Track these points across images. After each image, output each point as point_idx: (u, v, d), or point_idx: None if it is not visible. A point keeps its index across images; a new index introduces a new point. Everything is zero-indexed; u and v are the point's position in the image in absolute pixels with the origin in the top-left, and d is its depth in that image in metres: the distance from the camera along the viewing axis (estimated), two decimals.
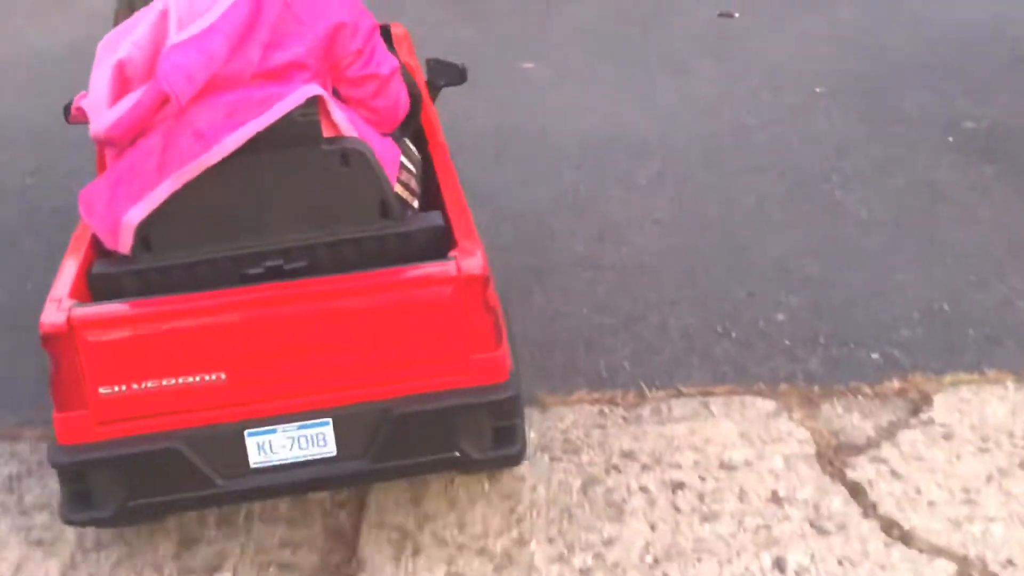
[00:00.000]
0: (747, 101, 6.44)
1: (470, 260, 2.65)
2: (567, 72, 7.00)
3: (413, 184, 3.13)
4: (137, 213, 2.73)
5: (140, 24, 2.83)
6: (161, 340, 2.52)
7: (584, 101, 6.54)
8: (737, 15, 7.72)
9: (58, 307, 2.56)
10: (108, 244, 2.81)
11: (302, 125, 2.67)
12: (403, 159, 3.12)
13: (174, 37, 2.73)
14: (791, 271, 4.75)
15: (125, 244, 2.75)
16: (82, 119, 2.87)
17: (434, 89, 3.70)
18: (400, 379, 2.57)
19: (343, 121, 2.82)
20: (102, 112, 2.76)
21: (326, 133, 2.77)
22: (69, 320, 2.53)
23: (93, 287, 2.74)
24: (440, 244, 2.77)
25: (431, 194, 3.20)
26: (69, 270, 2.77)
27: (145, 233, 2.71)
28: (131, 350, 2.52)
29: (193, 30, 2.72)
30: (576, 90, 6.72)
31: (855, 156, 5.73)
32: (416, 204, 3.10)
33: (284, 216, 2.70)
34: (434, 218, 2.87)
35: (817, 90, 6.54)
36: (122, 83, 2.77)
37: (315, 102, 2.74)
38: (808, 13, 7.74)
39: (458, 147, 4.01)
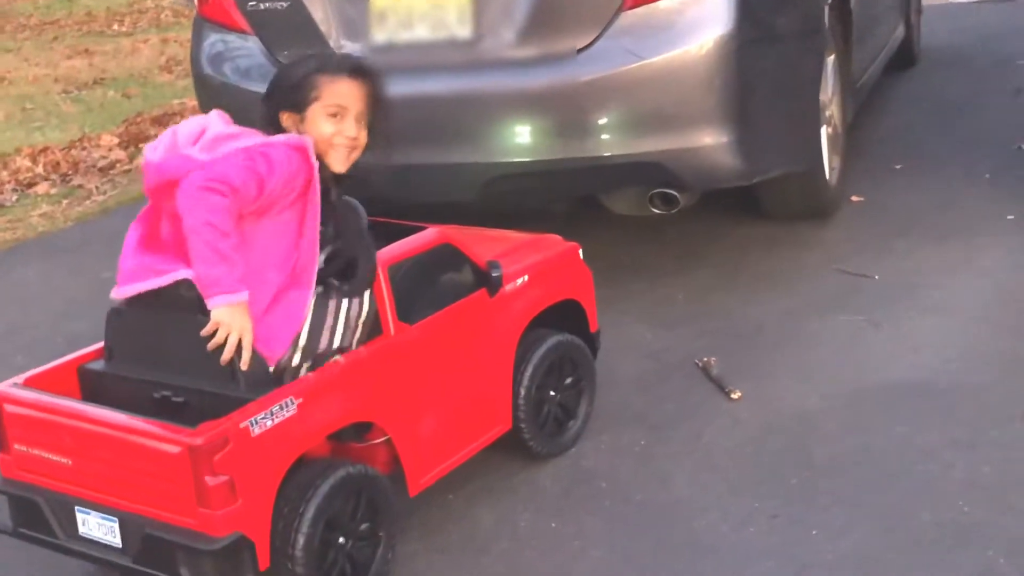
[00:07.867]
0: None
1: (199, 435, 3.08)
2: None
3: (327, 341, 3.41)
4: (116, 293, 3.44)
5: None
6: (37, 425, 3.39)
7: None
8: None
9: (10, 383, 3.49)
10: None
11: (184, 297, 3.31)
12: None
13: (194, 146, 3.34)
14: None
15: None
16: None
17: None
18: (147, 504, 3.20)
19: None
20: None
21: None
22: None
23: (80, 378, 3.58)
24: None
25: None
26: (56, 362, 3.59)
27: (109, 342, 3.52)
28: (24, 425, 3.41)
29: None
30: None
31: None
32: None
33: (173, 360, 3.39)
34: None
35: None
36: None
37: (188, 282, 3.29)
38: None
39: None
